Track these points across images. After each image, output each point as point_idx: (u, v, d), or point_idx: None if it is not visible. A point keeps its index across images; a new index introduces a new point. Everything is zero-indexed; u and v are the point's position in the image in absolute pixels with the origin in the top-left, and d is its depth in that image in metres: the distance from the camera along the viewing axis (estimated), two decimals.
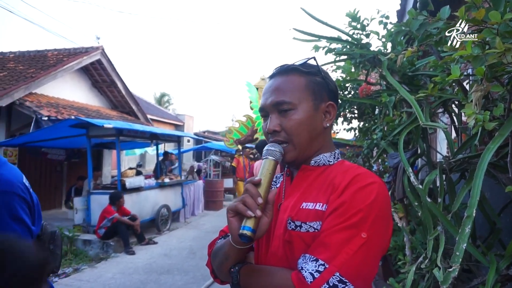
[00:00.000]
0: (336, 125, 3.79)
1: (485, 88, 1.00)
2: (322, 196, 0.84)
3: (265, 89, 0.96)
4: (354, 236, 0.74)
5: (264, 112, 0.94)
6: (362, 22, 2.52)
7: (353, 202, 0.77)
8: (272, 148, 0.86)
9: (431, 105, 2.10)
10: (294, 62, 0.95)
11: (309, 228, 0.81)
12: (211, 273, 0.98)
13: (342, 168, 0.89)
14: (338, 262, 0.72)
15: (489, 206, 2.01)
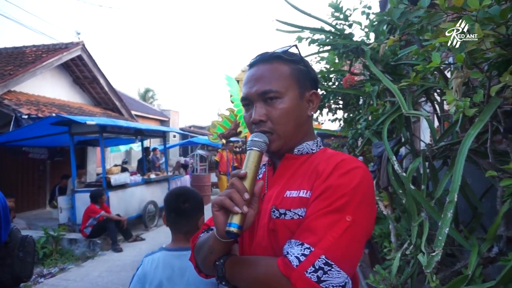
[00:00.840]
0: (321, 116, 3.80)
1: (464, 74, 1.01)
2: (306, 183, 0.84)
3: (247, 77, 0.93)
4: (339, 220, 0.74)
5: (248, 101, 0.91)
6: (344, 12, 2.53)
7: (338, 186, 0.77)
8: (257, 139, 0.84)
9: (413, 94, 2.13)
10: (275, 50, 0.93)
11: (293, 215, 0.81)
12: (195, 267, 0.97)
13: (325, 155, 0.89)
14: (324, 245, 0.72)
15: (471, 191, 2.06)
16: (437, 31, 1.22)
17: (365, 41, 2.56)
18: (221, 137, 9.38)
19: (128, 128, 7.37)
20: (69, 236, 6.19)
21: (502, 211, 1.52)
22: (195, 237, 1.00)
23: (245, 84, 0.92)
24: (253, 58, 0.95)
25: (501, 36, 0.94)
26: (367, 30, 2.60)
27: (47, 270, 5.12)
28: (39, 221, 7.49)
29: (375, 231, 2.94)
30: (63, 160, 9.68)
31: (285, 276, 0.71)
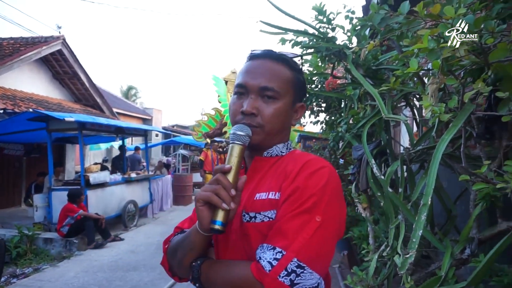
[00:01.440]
0: (303, 118, 3.83)
1: (440, 80, 1.04)
2: (275, 185, 0.84)
3: (250, 67, 0.92)
4: (309, 221, 0.74)
5: (244, 90, 0.90)
6: (328, 16, 2.55)
7: (306, 187, 0.78)
8: (240, 132, 0.84)
9: (393, 99, 2.17)
10: (281, 52, 0.95)
11: (263, 218, 0.81)
12: (168, 270, 0.95)
13: (293, 157, 0.90)
14: (295, 248, 0.72)
15: (446, 194, 2.11)
16: (416, 38, 1.25)
17: (347, 45, 2.59)
18: (206, 136, 9.34)
19: (109, 126, 7.23)
20: (44, 235, 6.02)
21: (474, 214, 1.57)
22: (166, 240, 0.98)
23: (246, 73, 0.91)
24: (258, 51, 0.95)
25: (475, 44, 0.96)
26: (349, 34, 2.63)
27: (20, 271, 4.95)
28: (14, 219, 7.25)
29: (354, 233, 2.98)
30: (40, 157, 9.42)
31: (259, 281, 0.71)
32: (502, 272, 1.54)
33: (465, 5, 1.23)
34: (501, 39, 0.95)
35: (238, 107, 0.90)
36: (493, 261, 1.35)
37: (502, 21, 1.25)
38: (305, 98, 1.00)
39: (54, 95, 10.65)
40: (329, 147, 3.10)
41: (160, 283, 4.30)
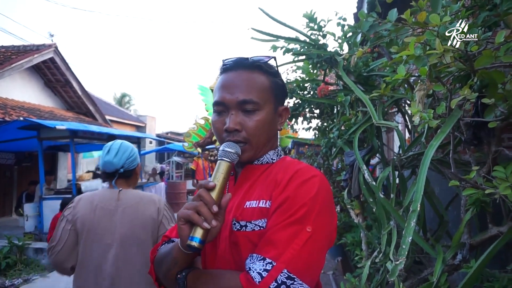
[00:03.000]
0: (296, 124, 3.84)
1: (427, 87, 1.05)
2: (265, 193, 0.83)
3: (225, 81, 0.89)
4: (299, 231, 0.74)
5: (223, 107, 0.88)
6: (319, 23, 2.57)
7: (296, 197, 0.77)
8: (229, 149, 0.82)
9: (384, 105, 2.18)
10: (252, 57, 0.92)
11: (254, 227, 0.80)
12: (155, 281, 0.93)
13: (283, 164, 0.89)
14: (285, 259, 0.71)
15: (437, 200, 2.12)
16: (404, 45, 1.26)
17: (338, 51, 2.61)
18: (196, 146, 9.30)
19: (101, 133, 7.18)
20: (35, 245, 5.92)
21: (465, 220, 1.57)
22: (154, 249, 0.96)
23: (222, 88, 0.89)
24: (229, 61, 0.92)
25: (460, 51, 0.97)
26: (340, 41, 2.66)
27: (9, 282, 4.86)
28: (4, 229, 7.14)
29: (348, 239, 2.98)
30: (31, 165, 9.31)
31: None
32: (493, 278, 1.55)
33: (452, 13, 1.25)
34: (486, 46, 0.96)
35: (220, 125, 0.88)
36: (484, 266, 1.35)
37: (488, 29, 1.27)
38: (285, 97, 0.98)
39: (46, 103, 10.57)
40: (321, 153, 3.11)
41: None
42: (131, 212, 1.76)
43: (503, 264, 1.79)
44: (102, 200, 1.78)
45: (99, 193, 1.85)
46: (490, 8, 1.21)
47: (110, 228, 1.72)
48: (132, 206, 1.77)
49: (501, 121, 1.15)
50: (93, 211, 1.73)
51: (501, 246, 1.34)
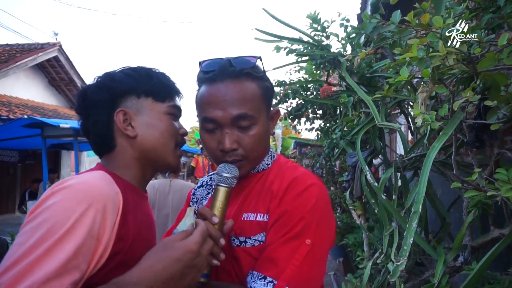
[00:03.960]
0: (299, 125, 3.85)
1: (430, 89, 1.05)
2: (262, 205, 0.81)
3: (212, 95, 0.80)
4: (299, 246, 0.72)
5: (215, 124, 0.80)
6: (322, 24, 2.58)
7: (294, 210, 0.74)
8: (226, 175, 0.77)
9: (386, 106, 2.18)
10: (236, 59, 0.82)
11: (254, 242, 0.78)
12: None
13: (279, 171, 0.85)
14: (286, 276, 0.70)
15: (439, 202, 2.12)
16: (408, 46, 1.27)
17: (342, 52, 2.61)
18: (199, 142, 9.35)
19: None
20: None
21: (467, 222, 1.58)
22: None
23: (211, 103, 0.80)
24: (210, 68, 0.83)
25: (463, 53, 0.98)
26: (344, 42, 2.66)
27: None
28: (7, 226, 7.19)
29: (349, 240, 2.98)
30: (35, 163, 9.36)
31: None
32: (494, 280, 1.55)
33: (455, 15, 1.26)
34: (489, 49, 0.97)
35: (214, 145, 0.81)
36: (485, 268, 1.35)
37: (492, 31, 1.27)
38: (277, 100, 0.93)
39: (50, 101, 10.63)
40: (324, 154, 3.11)
41: None
42: (179, 194, 2.74)
43: (505, 266, 1.78)
44: (160, 185, 2.77)
45: (158, 181, 2.83)
46: (494, 11, 1.21)
47: (166, 204, 2.70)
48: (179, 190, 2.77)
49: (504, 123, 1.15)
50: (155, 192, 2.73)
51: (502, 248, 1.34)
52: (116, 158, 0.80)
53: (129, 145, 0.79)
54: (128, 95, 0.81)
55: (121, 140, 0.80)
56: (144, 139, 0.80)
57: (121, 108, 0.79)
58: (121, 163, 0.80)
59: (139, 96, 0.81)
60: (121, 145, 0.80)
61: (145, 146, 0.80)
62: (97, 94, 0.80)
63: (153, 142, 0.80)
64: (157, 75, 0.85)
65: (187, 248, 0.64)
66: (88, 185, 0.65)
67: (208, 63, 0.84)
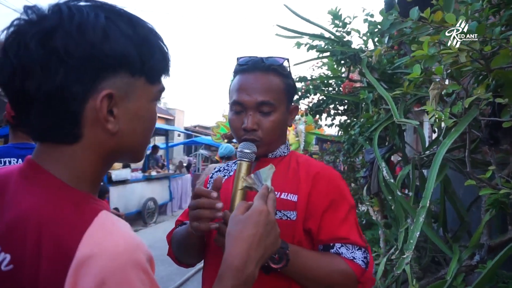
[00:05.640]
0: (320, 121, 3.85)
1: (441, 86, 1.06)
2: (288, 187, 0.94)
3: (242, 82, 0.96)
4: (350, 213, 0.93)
5: (241, 107, 0.95)
6: (343, 20, 2.57)
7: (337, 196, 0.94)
8: (246, 150, 0.89)
9: (406, 102, 2.17)
10: (267, 58, 0.98)
11: (282, 216, 0.90)
12: (175, 259, 1.05)
13: (299, 160, 1.00)
14: (362, 239, 0.92)
15: (458, 200, 2.09)
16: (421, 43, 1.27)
17: (363, 48, 2.60)
18: (224, 137, 9.47)
19: None
20: None
21: (484, 220, 1.56)
22: (170, 233, 1.07)
23: (240, 89, 0.95)
24: (245, 62, 0.98)
25: (475, 51, 0.98)
26: (365, 38, 2.65)
27: None
28: None
29: (367, 236, 2.98)
30: None
31: (357, 276, 0.86)
32: (509, 280, 1.53)
33: (473, 11, 1.25)
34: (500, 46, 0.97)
35: (238, 124, 0.95)
36: (498, 267, 1.35)
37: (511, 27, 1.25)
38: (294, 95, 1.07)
39: None
40: (344, 150, 3.11)
41: (176, 277, 4.41)
42: None
43: None
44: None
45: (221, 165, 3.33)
46: None
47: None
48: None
49: None
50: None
51: None
52: (74, 157, 0.54)
53: (100, 142, 0.55)
54: (121, 68, 0.53)
55: (91, 132, 0.53)
56: (124, 135, 0.57)
57: (109, 89, 0.52)
58: (81, 164, 0.54)
59: (133, 74, 0.55)
60: (89, 141, 0.54)
61: (122, 144, 0.57)
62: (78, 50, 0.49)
63: (133, 139, 0.59)
64: (160, 45, 0.60)
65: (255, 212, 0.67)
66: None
67: (244, 58, 1.00)
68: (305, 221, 0.90)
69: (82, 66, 0.50)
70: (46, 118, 0.51)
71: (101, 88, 0.52)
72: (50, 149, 0.54)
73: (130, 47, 0.53)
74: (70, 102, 0.50)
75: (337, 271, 0.85)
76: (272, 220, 0.68)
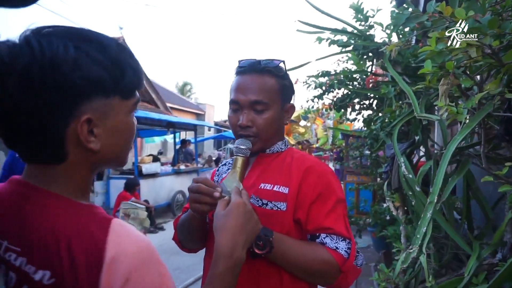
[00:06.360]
0: (344, 116, 3.82)
1: (451, 82, 1.06)
2: (281, 180, 0.99)
3: (239, 83, 1.04)
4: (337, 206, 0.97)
5: (237, 105, 1.03)
6: (365, 14, 2.55)
7: (325, 189, 0.98)
8: (242, 146, 0.98)
9: (429, 97, 2.13)
10: (263, 61, 1.04)
11: (273, 207, 0.96)
12: (178, 242, 1.14)
13: (293, 156, 1.05)
14: (347, 231, 0.96)
15: (483, 198, 2.04)
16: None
17: (386, 42, 2.56)
18: None
19: (160, 120, 7.69)
20: None
21: (507, 218, 1.52)
22: (177, 219, 1.15)
23: (236, 89, 1.04)
24: (243, 64, 1.06)
25: (485, 46, 0.98)
26: (388, 32, 2.60)
27: None
28: None
29: (389, 231, 2.95)
30: None
31: (339, 265, 0.91)
32: None
33: (491, 4, 1.22)
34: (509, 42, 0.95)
35: (235, 121, 1.03)
36: None
37: None
38: (292, 95, 1.13)
39: None
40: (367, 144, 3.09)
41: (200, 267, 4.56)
42: None
43: None
44: None
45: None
46: None
47: None
48: None
49: None
50: None
51: None
52: (66, 174, 0.60)
53: (85, 158, 0.60)
54: (95, 93, 0.57)
55: (76, 152, 0.58)
56: (106, 150, 0.61)
57: (87, 114, 0.57)
58: (75, 179, 0.60)
59: (108, 95, 0.59)
60: (75, 159, 0.59)
61: (106, 157, 0.62)
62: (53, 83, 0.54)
63: (116, 151, 0.64)
64: (130, 62, 0.62)
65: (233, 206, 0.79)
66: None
67: (244, 61, 1.08)
68: (295, 212, 0.96)
69: (58, 97, 0.54)
70: (32, 143, 0.57)
71: (79, 114, 0.56)
72: (41, 169, 0.59)
73: (102, 72, 0.57)
74: (52, 129, 0.55)
75: (319, 260, 0.90)
76: (249, 209, 0.81)
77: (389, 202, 2.31)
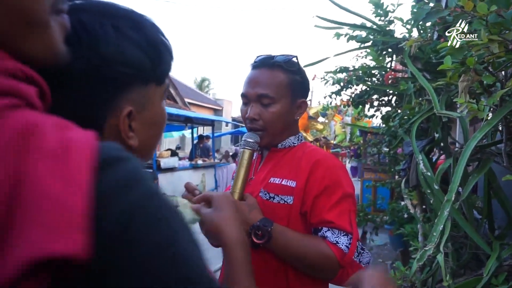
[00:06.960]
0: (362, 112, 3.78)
1: (472, 78, 1.04)
2: (288, 174, 1.01)
3: (249, 77, 1.06)
4: (342, 201, 0.97)
5: (246, 99, 1.06)
6: (385, 8, 2.51)
7: (332, 183, 0.98)
8: (249, 140, 1.00)
9: (450, 93, 2.08)
10: (277, 56, 1.06)
11: (280, 200, 0.98)
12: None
13: (304, 150, 1.06)
14: (351, 228, 0.95)
15: (505, 197, 1.99)
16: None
17: (406, 37, 2.52)
18: None
19: (178, 115, 7.80)
20: None
21: None
22: None
23: (247, 83, 1.06)
24: (257, 59, 1.09)
25: (508, 41, 0.95)
26: (409, 27, 2.55)
27: None
28: None
29: (406, 229, 2.92)
30: None
31: (339, 259, 0.91)
32: None
33: None
34: None
35: (244, 113, 1.06)
36: None
37: None
38: (306, 92, 1.12)
39: None
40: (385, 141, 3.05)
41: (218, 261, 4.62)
42: None
43: None
44: None
45: None
46: None
47: None
48: None
49: None
50: None
51: None
52: None
53: None
54: (136, 81, 0.50)
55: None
56: (141, 144, 0.53)
57: (129, 106, 0.49)
58: None
59: (147, 83, 0.52)
60: None
61: (138, 153, 0.53)
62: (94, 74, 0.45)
63: (150, 145, 0.57)
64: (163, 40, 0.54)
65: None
66: None
67: (258, 56, 1.10)
68: (302, 205, 0.97)
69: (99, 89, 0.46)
70: None
71: (119, 106, 0.48)
72: None
73: (143, 56, 0.49)
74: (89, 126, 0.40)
75: (319, 253, 0.91)
76: (230, 199, 0.86)
77: (407, 200, 2.29)
